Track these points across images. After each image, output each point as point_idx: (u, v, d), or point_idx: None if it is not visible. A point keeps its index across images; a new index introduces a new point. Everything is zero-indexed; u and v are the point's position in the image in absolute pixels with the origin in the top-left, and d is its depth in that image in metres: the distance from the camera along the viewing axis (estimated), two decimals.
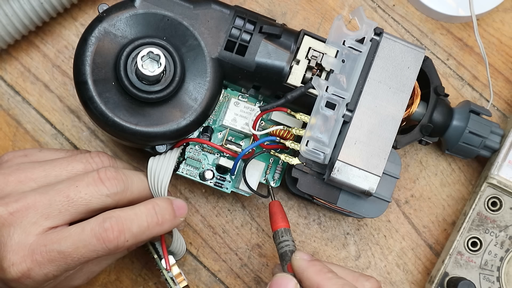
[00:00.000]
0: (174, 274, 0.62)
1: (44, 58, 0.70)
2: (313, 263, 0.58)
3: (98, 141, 0.70)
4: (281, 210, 0.62)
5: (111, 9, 0.60)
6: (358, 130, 0.59)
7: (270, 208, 0.62)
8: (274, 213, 0.62)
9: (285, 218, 0.61)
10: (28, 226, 0.55)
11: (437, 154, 0.71)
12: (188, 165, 0.65)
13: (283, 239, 0.60)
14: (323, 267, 0.58)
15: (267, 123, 0.65)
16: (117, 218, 0.56)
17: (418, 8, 0.72)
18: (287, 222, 0.61)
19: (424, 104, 0.64)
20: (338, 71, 0.60)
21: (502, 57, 0.72)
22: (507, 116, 0.71)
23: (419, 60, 0.61)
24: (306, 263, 0.58)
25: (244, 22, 0.61)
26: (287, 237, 0.61)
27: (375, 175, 0.59)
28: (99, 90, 0.59)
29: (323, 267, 0.58)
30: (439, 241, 0.70)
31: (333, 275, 0.57)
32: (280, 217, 0.61)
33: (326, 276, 0.57)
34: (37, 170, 0.58)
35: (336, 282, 0.56)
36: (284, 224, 0.61)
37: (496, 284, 0.67)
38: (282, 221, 0.61)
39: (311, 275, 0.58)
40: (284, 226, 0.61)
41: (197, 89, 0.60)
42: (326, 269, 0.58)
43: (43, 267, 0.55)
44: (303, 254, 0.59)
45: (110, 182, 0.57)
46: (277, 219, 0.61)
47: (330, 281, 0.57)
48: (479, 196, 0.67)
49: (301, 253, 0.60)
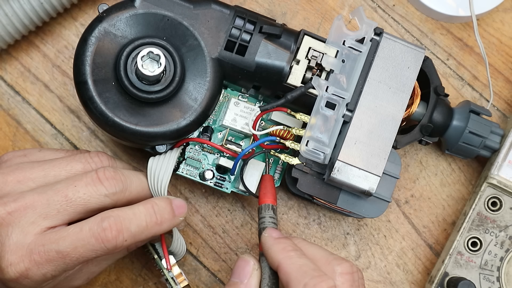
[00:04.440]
0: (175, 274, 0.62)
1: (44, 58, 0.70)
2: (278, 241, 0.57)
3: (98, 141, 0.70)
4: (269, 185, 0.61)
5: (111, 9, 0.60)
6: (358, 130, 0.59)
7: (261, 181, 0.62)
8: (261, 187, 0.61)
9: (269, 194, 0.61)
10: (27, 225, 0.55)
11: (437, 154, 0.71)
12: (188, 165, 0.65)
13: (260, 216, 0.60)
14: (287, 245, 0.57)
15: (267, 123, 0.65)
16: (115, 218, 0.56)
17: (418, 8, 0.72)
18: (271, 198, 0.60)
19: (424, 104, 0.64)
20: (338, 71, 0.60)
21: (502, 57, 0.72)
22: (507, 116, 0.71)
23: (419, 60, 0.61)
24: (271, 241, 0.58)
25: (244, 22, 0.61)
26: (264, 213, 0.60)
27: (375, 175, 0.59)
28: (99, 90, 0.59)
29: (288, 245, 0.57)
30: (439, 241, 0.70)
31: (295, 254, 0.56)
32: (263, 193, 0.61)
33: (287, 254, 0.56)
34: (36, 170, 0.58)
35: (296, 262, 0.55)
36: (267, 200, 0.60)
37: (496, 284, 0.67)
38: (265, 197, 0.61)
39: (274, 253, 0.57)
40: (266, 202, 0.60)
41: (197, 89, 0.60)
42: (290, 248, 0.56)
43: (41, 267, 0.55)
44: (272, 231, 0.59)
45: (108, 182, 0.57)
46: (261, 195, 0.61)
47: (290, 260, 0.55)
48: (479, 196, 0.67)
49: (270, 230, 0.59)
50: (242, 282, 0.58)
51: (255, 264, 0.58)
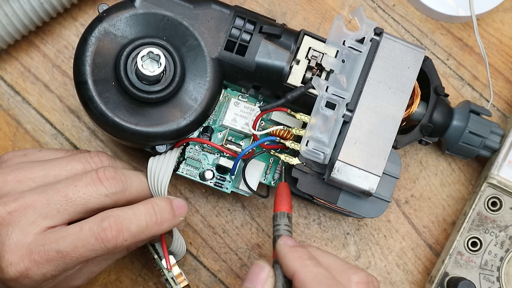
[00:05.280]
0: (175, 274, 0.62)
1: (44, 58, 0.70)
2: (294, 249, 0.57)
3: (98, 141, 0.70)
4: (284, 193, 0.61)
5: (111, 9, 0.60)
6: (358, 130, 0.59)
7: (276, 189, 0.62)
8: (276, 194, 0.61)
9: (285, 202, 0.60)
10: (27, 225, 0.55)
11: (437, 154, 0.71)
12: (188, 165, 0.65)
13: (275, 223, 0.60)
14: (303, 253, 0.56)
15: (267, 123, 0.65)
16: (115, 217, 0.56)
17: (418, 8, 0.72)
18: (287, 206, 0.60)
19: (424, 104, 0.64)
20: (338, 71, 0.60)
21: (502, 57, 0.72)
22: (507, 116, 0.71)
23: (419, 60, 0.61)
24: (287, 249, 0.57)
25: (244, 22, 0.61)
26: (280, 221, 0.60)
27: (375, 175, 0.59)
28: (99, 90, 0.59)
29: (304, 253, 0.56)
30: (439, 241, 0.70)
31: (311, 263, 0.55)
32: (279, 200, 0.61)
33: (303, 263, 0.55)
34: (36, 170, 0.58)
35: (311, 270, 0.55)
36: (282, 207, 0.60)
37: (496, 284, 0.67)
38: (280, 204, 0.60)
39: (289, 261, 0.56)
40: (281, 209, 0.60)
41: (197, 89, 0.60)
42: (306, 256, 0.56)
43: (41, 267, 0.55)
44: (287, 240, 0.58)
45: (108, 182, 0.57)
46: (277, 202, 0.61)
47: (306, 269, 0.55)
48: (479, 196, 0.67)
49: (286, 238, 0.58)
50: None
51: (270, 271, 0.58)
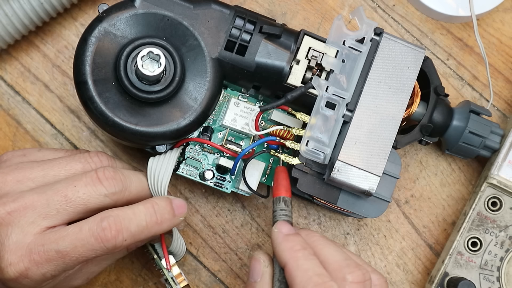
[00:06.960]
0: (175, 274, 0.62)
1: (44, 58, 0.70)
2: (287, 238, 0.56)
3: (98, 141, 0.70)
4: (280, 177, 0.61)
5: (111, 9, 0.60)
6: (358, 130, 0.59)
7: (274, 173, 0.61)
8: (275, 179, 0.61)
9: (281, 186, 0.60)
10: (26, 225, 0.55)
11: (437, 154, 0.71)
12: (188, 165, 0.65)
13: (273, 210, 0.60)
14: (296, 243, 0.55)
15: (267, 123, 0.65)
16: (115, 217, 0.56)
17: (418, 8, 0.72)
18: (282, 190, 0.59)
19: (424, 104, 0.64)
20: (338, 71, 0.60)
21: (502, 57, 0.72)
22: (507, 116, 0.71)
23: (419, 60, 0.61)
24: (280, 238, 0.56)
25: (244, 22, 0.61)
26: (276, 207, 0.59)
27: (375, 175, 0.59)
28: (99, 90, 0.59)
29: (297, 243, 0.55)
30: (439, 241, 0.70)
31: (302, 255, 0.54)
32: (275, 186, 0.60)
33: (294, 255, 0.54)
34: (35, 170, 0.58)
35: (302, 264, 0.53)
36: (278, 192, 0.60)
37: (496, 284, 0.67)
38: (276, 190, 0.60)
39: (281, 252, 0.55)
40: (278, 195, 0.60)
41: (197, 89, 0.60)
42: (298, 247, 0.54)
43: (41, 267, 0.55)
44: (282, 226, 0.57)
45: (108, 182, 0.57)
46: (274, 188, 0.60)
47: (296, 262, 0.53)
48: (479, 196, 0.67)
49: (281, 225, 0.57)
50: (256, 281, 0.58)
51: (265, 260, 0.58)
